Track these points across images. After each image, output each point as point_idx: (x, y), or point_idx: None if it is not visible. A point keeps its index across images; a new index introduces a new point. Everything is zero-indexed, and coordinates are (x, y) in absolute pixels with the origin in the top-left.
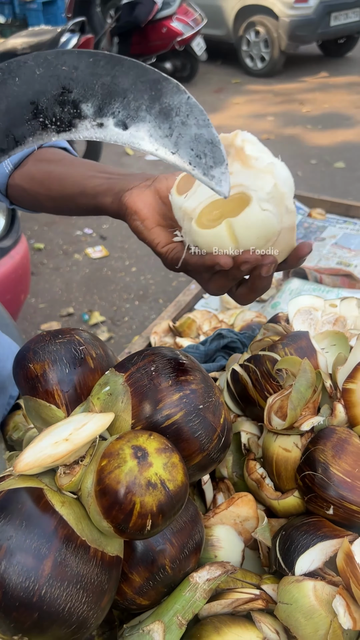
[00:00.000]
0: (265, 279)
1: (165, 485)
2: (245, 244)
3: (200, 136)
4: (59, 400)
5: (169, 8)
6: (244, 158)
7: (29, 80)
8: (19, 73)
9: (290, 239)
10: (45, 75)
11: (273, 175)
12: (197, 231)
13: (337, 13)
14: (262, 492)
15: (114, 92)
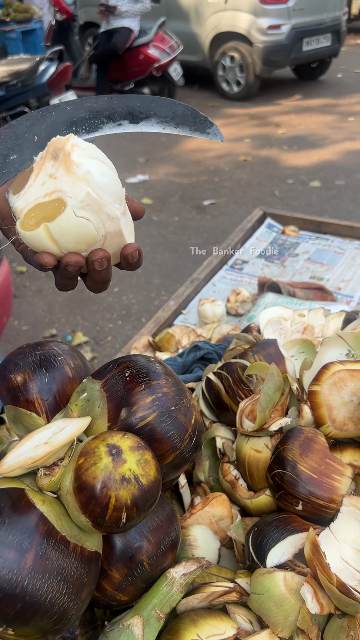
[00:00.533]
0: (102, 271)
1: (139, 480)
2: (67, 247)
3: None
4: (39, 409)
5: (145, 36)
6: (68, 163)
7: (63, 112)
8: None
9: (119, 242)
10: (74, 109)
11: (88, 183)
12: (21, 233)
13: (308, 38)
14: (236, 492)
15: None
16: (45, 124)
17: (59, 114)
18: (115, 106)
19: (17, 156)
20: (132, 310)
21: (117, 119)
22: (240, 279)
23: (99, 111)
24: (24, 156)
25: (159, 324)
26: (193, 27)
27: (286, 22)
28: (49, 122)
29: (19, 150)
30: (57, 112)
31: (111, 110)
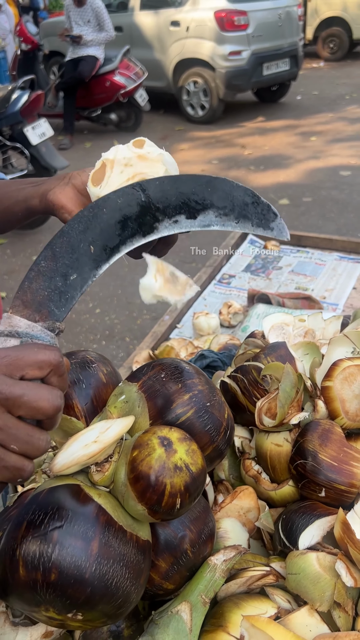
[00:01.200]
0: None
1: (189, 468)
2: None
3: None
4: (78, 413)
5: (111, 63)
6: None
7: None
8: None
9: None
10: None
11: (163, 163)
12: None
13: (268, 63)
14: (259, 486)
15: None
16: (98, 227)
17: (110, 211)
18: (168, 194)
19: (77, 276)
20: (116, 330)
21: (172, 213)
22: (229, 292)
23: (151, 203)
24: (84, 274)
25: (156, 338)
26: (157, 54)
27: (246, 48)
28: (102, 226)
29: (77, 268)
30: (108, 209)
31: (164, 200)
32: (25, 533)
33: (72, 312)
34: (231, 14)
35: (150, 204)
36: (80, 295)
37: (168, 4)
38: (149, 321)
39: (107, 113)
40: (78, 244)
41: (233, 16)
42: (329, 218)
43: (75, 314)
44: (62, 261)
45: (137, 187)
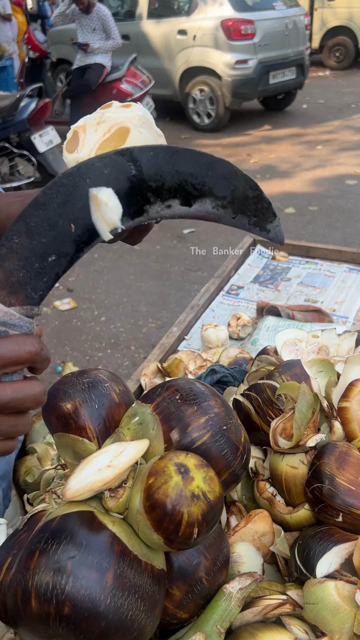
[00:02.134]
0: None
1: (207, 496)
2: None
3: (252, 197)
4: (90, 434)
5: (118, 71)
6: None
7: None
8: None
9: None
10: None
11: (139, 109)
12: None
13: (275, 72)
14: (274, 509)
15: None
16: (80, 202)
17: (94, 183)
18: (162, 170)
19: (55, 258)
20: (121, 339)
21: (166, 196)
22: (237, 303)
23: (143, 181)
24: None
25: (164, 350)
26: (163, 63)
27: (253, 57)
28: (84, 201)
29: (56, 248)
30: (92, 180)
31: (158, 178)
32: (38, 563)
33: (77, 320)
34: (238, 23)
35: (142, 180)
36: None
37: (175, 13)
38: (155, 330)
39: None
40: (57, 219)
41: (240, 25)
42: (335, 227)
43: (81, 321)
44: (39, 239)
45: (127, 155)
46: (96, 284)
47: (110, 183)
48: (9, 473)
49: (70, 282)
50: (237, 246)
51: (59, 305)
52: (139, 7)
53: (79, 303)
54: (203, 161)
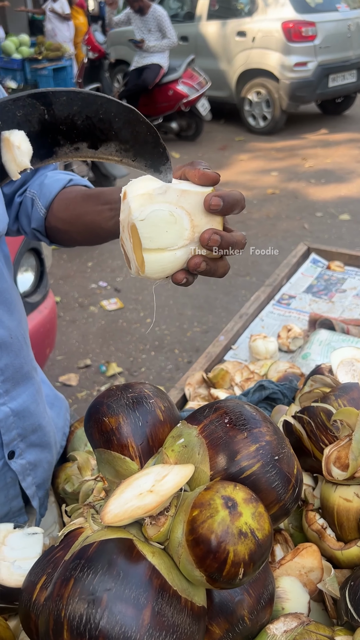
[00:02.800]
0: None
1: (255, 534)
2: None
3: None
4: (132, 453)
5: (175, 73)
6: None
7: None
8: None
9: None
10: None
11: None
12: None
13: (334, 75)
14: (323, 542)
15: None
16: None
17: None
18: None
19: None
20: (165, 342)
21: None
22: (288, 314)
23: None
24: None
25: (210, 360)
26: (221, 64)
27: (313, 60)
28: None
29: None
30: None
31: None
32: (72, 592)
33: (123, 320)
34: (299, 25)
35: (53, 124)
36: None
37: (235, 14)
38: (199, 334)
39: (169, 122)
40: None
41: (301, 27)
42: None
43: (126, 322)
44: None
45: (41, 98)
46: (143, 285)
47: (22, 125)
48: (47, 481)
49: (118, 282)
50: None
51: (106, 305)
52: (198, 9)
53: (125, 304)
54: (113, 108)
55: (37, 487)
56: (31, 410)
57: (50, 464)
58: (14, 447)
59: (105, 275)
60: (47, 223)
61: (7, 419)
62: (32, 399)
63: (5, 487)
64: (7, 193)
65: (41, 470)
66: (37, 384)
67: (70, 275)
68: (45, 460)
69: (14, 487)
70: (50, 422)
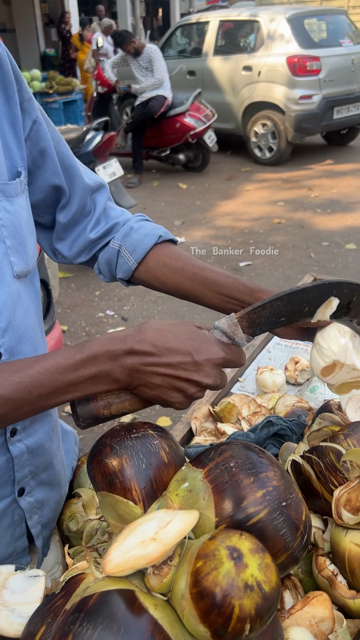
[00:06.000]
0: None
1: (262, 587)
2: None
3: None
4: (136, 497)
5: (182, 106)
6: None
7: None
8: None
9: None
10: None
11: None
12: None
13: (339, 107)
14: (334, 590)
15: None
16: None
17: None
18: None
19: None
20: None
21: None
22: (295, 346)
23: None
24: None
25: (216, 392)
26: (227, 97)
27: (317, 93)
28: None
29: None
30: None
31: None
32: None
33: None
34: (304, 60)
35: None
36: None
37: (241, 50)
38: None
39: (176, 153)
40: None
41: (305, 61)
42: None
43: None
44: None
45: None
46: (150, 314)
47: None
48: (53, 520)
49: (125, 311)
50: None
51: None
52: (205, 45)
53: None
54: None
55: (43, 527)
56: (45, 448)
57: (58, 502)
58: (24, 484)
59: (113, 304)
60: (137, 275)
61: (22, 456)
62: (47, 436)
63: (12, 525)
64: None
65: (48, 509)
66: (53, 421)
67: (78, 304)
68: (53, 499)
69: (20, 525)
70: (62, 460)
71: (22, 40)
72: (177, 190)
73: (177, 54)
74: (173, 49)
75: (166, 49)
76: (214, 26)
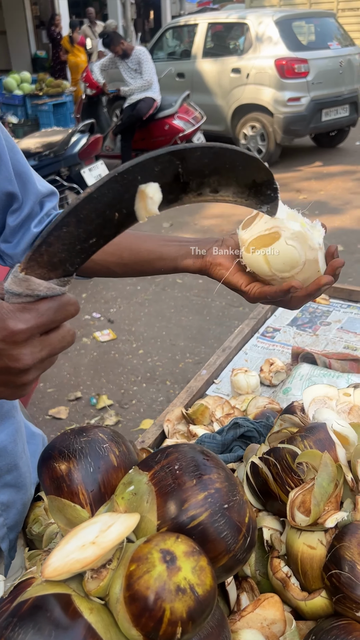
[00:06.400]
0: None
1: (195, 590)
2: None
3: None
4: (83, 500)
5: (171, 108)
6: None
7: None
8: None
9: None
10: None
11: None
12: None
13: (327, 109)
14: (287, 592)
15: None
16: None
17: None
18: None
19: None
20: (157, 373)
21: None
22: (272, 347)
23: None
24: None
25: (191, 394)
26: (216, 100)
27: (306, 95)
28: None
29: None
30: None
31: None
32: None
33: (115, 352)
34: (292, 62)
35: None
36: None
37: (230, 52)
38: (191, 365)
39: None
40: (104, 210)
41: (294, 64)
42: None
43: (119, 353)
44: (85, 227)
45: (178, 154)
46: (137, 316)
47: (157, 178)
48: (19, 523)
49: (111, 313)
50: None
51: (98, 336)
52: (194, 47)
53: (118, 335)
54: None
55: (9, 529)
56: (8, 450)
57: (24, 505)
58: None
59: (99, 307)
60: None
61: None
62: (10, 438)
63: None
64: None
65: (14, 512)
66: (17, 422)
67: None
68: (20, 501)
69: None
70: (27, 462)
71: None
72: None
73: (167, 56)
74: (163, 51)
75: (156, 51)
76: (203, 28)
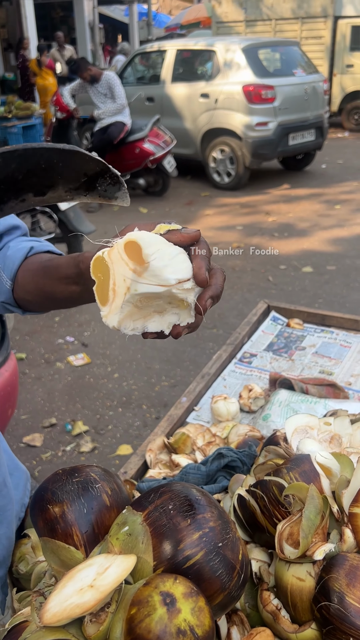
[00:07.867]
0: None
1: (194, 632)
2: None
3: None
4: (77, 541)
5: (141, 132)
6: None
7: None
8: None
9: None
10: None
11: None
12: None
13: (294, 134)
14: (278, 625)
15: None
16: None
17: None
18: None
19: None
20: (133, 397)
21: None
22: (250, 372)
23: None
24: None
25: (172, 423)
26: (186, 124)
27: (273, 120)
28: None
29: None
30: None
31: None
32: None
33: (90, 376)
34: (259, 88)
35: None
36: None
37: (198, 78)
38: (167, 388)
39: (136, 178)
40: None
41: (260, 90)
42: (353, 287)
43: (94, 377)
44: None
45: None
46: (111, 339)
47: None
48: (7, 558)
49: (85, 337)
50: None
51: (72, 361)
52: (163, 72)
53: (92, 358)
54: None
55: None
56: None
57: (9, 539)
58: None
59: (73, 330)
60: (15, 294)
61: None
62: None
63: None
64: None
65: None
66: None
67: (37, 330)
68: (5, 536)
69: None
70: (9, 495)
71: None
72: (137, 215)
73: (136, 80)
74: (132, 76)
75: (125, 76)
76: (172, 54)
